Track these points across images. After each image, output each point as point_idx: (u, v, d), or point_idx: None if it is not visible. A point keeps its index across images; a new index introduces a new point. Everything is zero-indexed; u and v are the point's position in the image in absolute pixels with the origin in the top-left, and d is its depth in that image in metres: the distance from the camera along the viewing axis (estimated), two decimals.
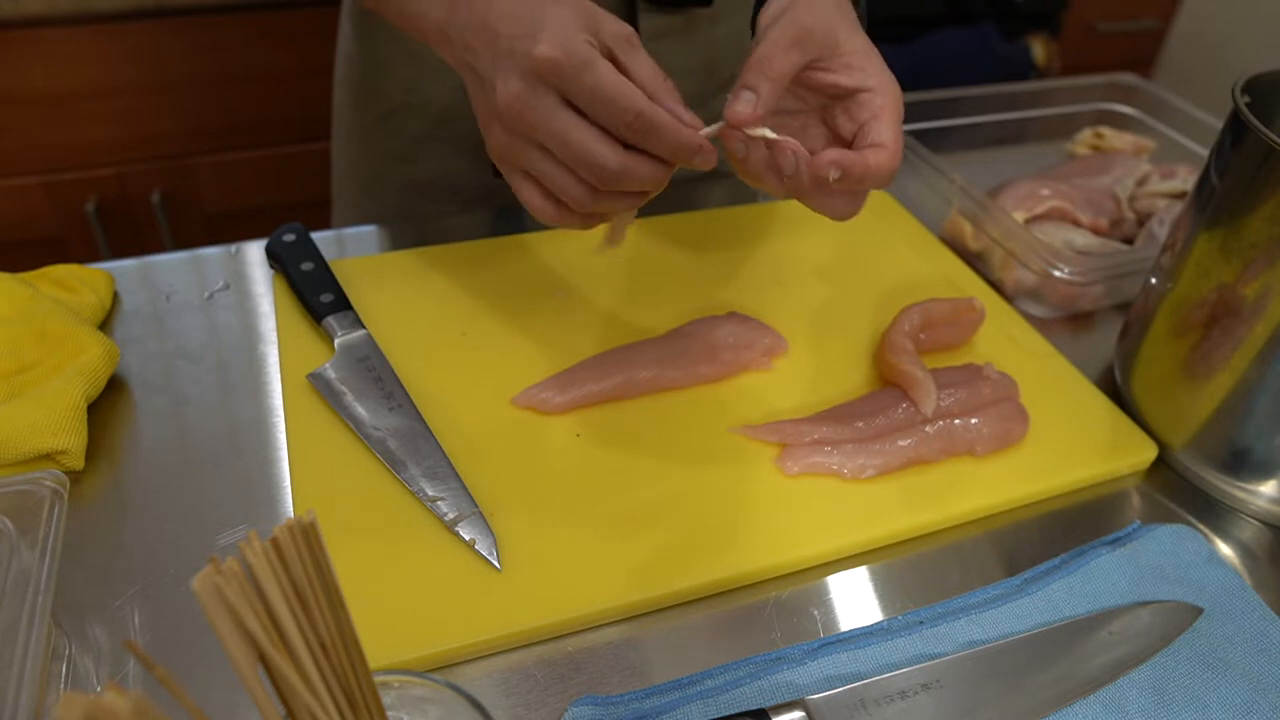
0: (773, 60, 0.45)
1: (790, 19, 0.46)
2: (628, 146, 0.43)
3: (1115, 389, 0.60)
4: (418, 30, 0.49)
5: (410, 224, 0.73)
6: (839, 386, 0.57)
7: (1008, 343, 0.62)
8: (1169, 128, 0.85)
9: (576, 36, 0.41)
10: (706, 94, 0.79)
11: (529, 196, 0.45)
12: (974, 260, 0.71)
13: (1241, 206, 0.48)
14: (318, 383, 0.53)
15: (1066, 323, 0.68)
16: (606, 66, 0.41)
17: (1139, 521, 0.51)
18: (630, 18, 0.70)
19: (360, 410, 0.52)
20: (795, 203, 0.52)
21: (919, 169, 0.74)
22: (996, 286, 0.69)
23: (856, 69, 0.47)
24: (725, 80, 0.80)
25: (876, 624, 0.45)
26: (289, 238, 0.63)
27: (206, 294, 0.63)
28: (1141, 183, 0.77)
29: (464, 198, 0.78)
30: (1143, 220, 0.74)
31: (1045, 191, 0.71)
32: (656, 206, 0.75)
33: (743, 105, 0.44)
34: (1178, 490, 0.55)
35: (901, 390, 0.54)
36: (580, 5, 0.43)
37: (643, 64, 0.44)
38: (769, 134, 0.44)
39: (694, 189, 0.82)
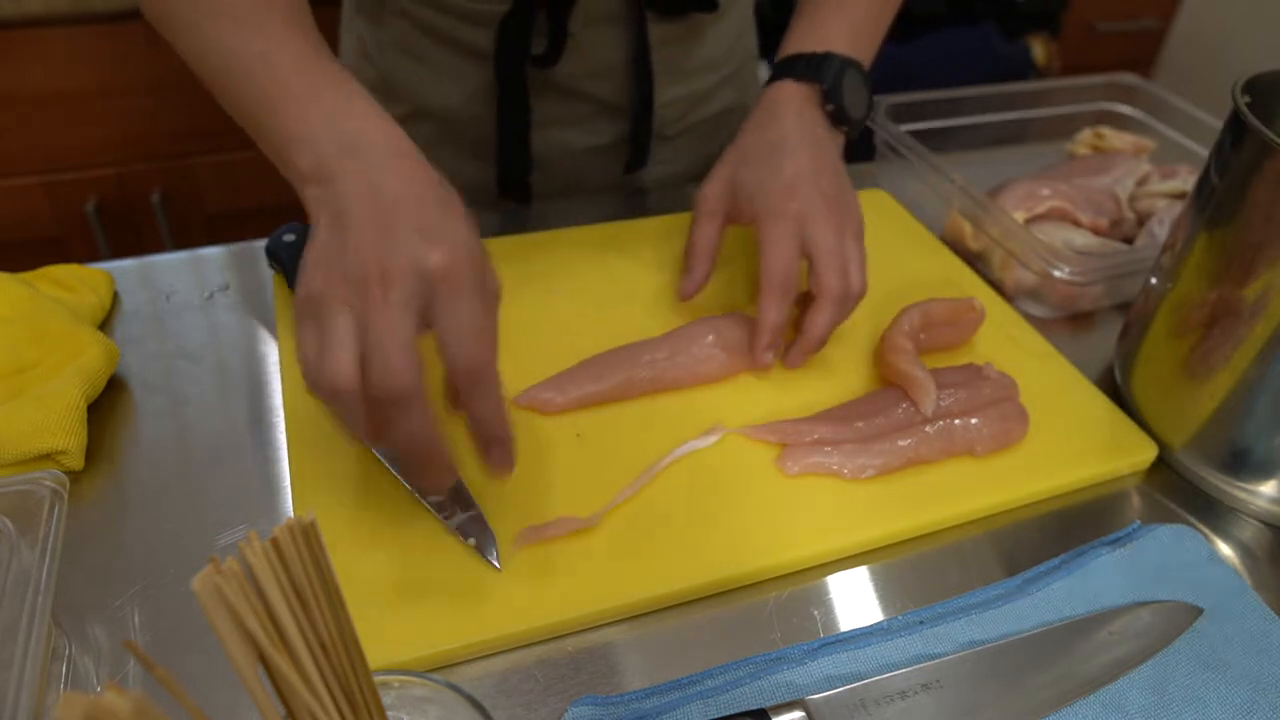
0: (698, 247, 0.60)
1: (715, 184, 0.60)
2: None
3: (1115, 389, 0.60)
4: (280, 159, 0.47)
5: None
6: (839, 386, 0.57)
7: (1008, 343, 0.62)
8: (1169, 128, 0.85)
9: (473, 260, 0.41)
10: (712, 89, 0.79)
11: (306, 347, 0.40)
12: (974, 260, 0.71)
13: (1241, 206, 0.48)
14: None
15: (1066, 323, 0.68)
16: (484, 305, 0.41)
17: (1139, 521, 0.51)
18: (639, 28, 0.70)
19: None
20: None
21: (919, 169, 0.74)
22: (996, 286, 0.69)
23: (751, 213, 0.56)
24: (729, 73, 0.80)
25: (876, 624, 0.45)
26: (289, 238, 0.63)
27: (206, 294, 0.63)
28: (1141, 183, 0.77)
29: (470, 200, 0.78)
30: (1143, 220, 0.74)
31: (1045, 191, 0.71)
32: (657, 207, 0.75)
33: (686, 288, 0.60)
34: (1178, 490, 0.55)
35: (901, 390, 0.54)
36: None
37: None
38: None
39: (694, 189, 0.82)
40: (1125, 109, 0.89)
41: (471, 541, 0.45)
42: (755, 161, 0.57)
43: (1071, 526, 0.52)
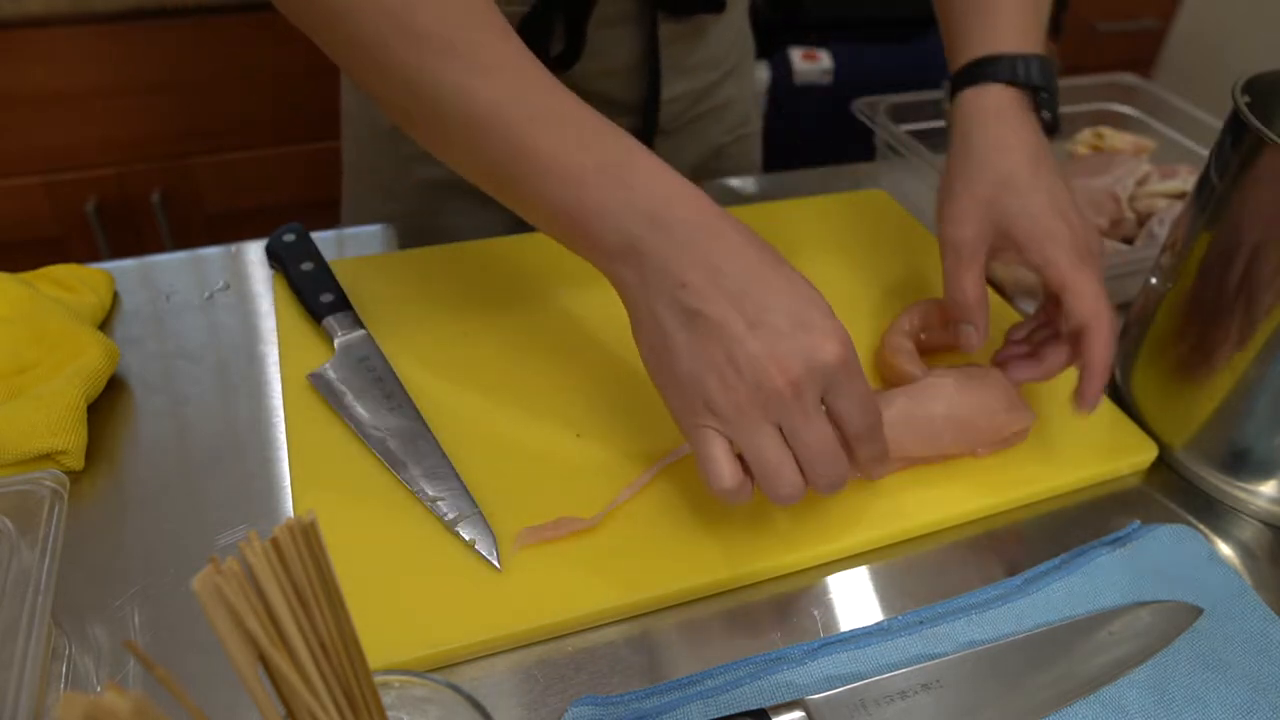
0: (971, 298, 0.52)
1: (972, 225, 0.51)
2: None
3: (1115, 389, 0.60)
4: (576, 232, 0.43)
5: (411, 223, 0.73)
6: None
7: None
8: (1169, 128, 0.85)
9: (851, 345, 0.41)
10: (714, 84, 0.80)
11: (719, 458, 0.42)
12: None
13: (1241, 206, 0.48)
14: (318, 383, 0.53)
15: None
16: (865, 376, 0.42)
17: (1139, 521, 0.51)
18: (652, 27, 0.71)
19: (360, 410, 0.52)
20: (793, 204, 0.53)
21: (919, 169, 0.74)
22: (996, 286, 0.69)
23: (1033, 252, 0.50)
24: (730, 69, 0.81)
25: (876, 624, 0.45)
26: (289, 238, 0.63)
27: (206, 294, 0.63)
28: (1141, 183, 0.77)
29: (485, 197, 0.78)
30: (1143, 220, 0.74)
31: None
32: None
33: (971, 340, 0.53)
34: (1178, 490, 0.55)
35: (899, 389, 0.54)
36: None
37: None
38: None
39: (705, 183, 0.83)
40: (1125, 109, 0.89)
41: (472, 541, 0.45)
42: (1019, 190, 0.51)
43: (1071, 526, 0.52)
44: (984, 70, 0.54)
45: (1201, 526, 0.52)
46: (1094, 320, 0.48)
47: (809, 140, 1.44)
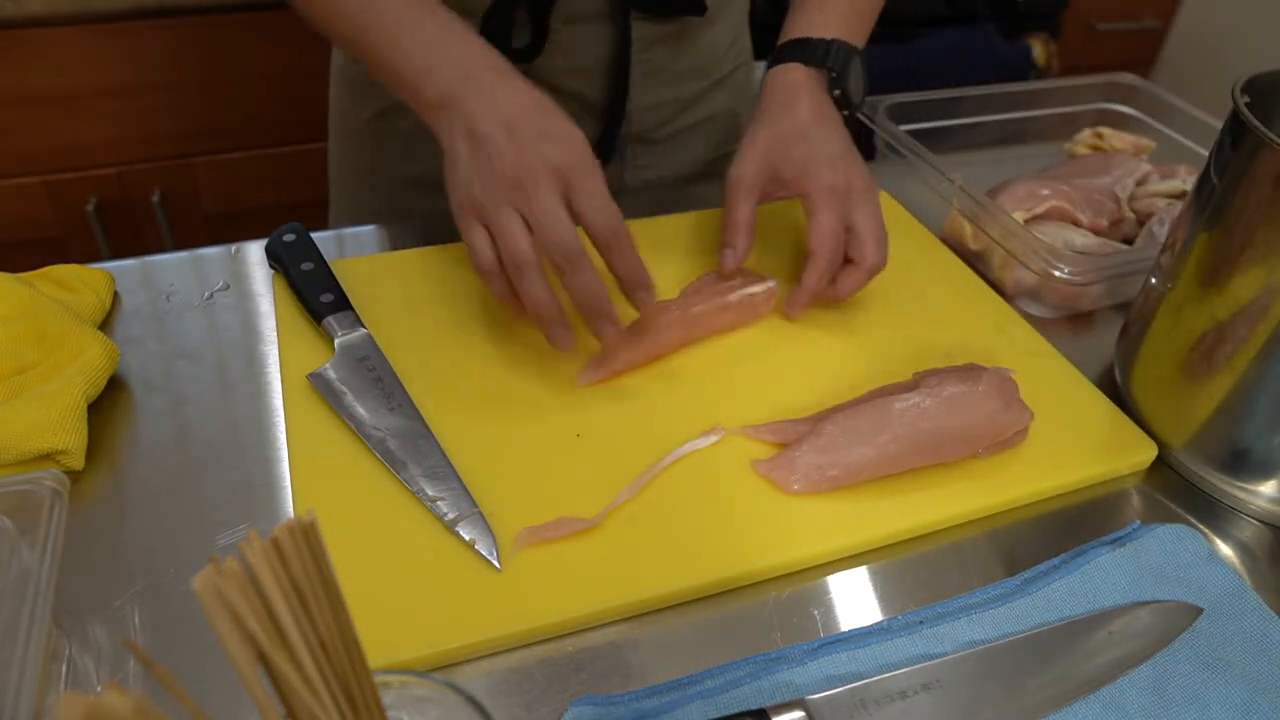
0: (739, 223, 0.61)
1: (751, 165, 0.61)
2: None
3: (1115, 389, 0.60)
4: (407, 90, 0.56)
5: (410, 224, 0.73)
6: (839, 386, 0.57)
7: (1008, 343, 0.62)
8: (1169, 128, 0.85)
9: (587, 150, 0.51)
10: (702, 93, 0.79)
11: (480, 244, 0.52)
12: (974, 260, 0.71)
13: (1241, 206, 0.48)
14: (318, 383, 0.53)
15: (1066, 323, 0.68)
16: (604, 180, 0.51)
17: (1139, 521, 0.51)
18: (624, 27, 0.70)
19: (360, 410, 0.52)
20: (793, 204, 0.54)
21: (919, 169, 0.74)
22: (996, 286, 0.69)
23: (794, 189, 0.61)
24: (720, 78, 0.80)
25: (876, 624, 0.45)
26: (289, 238, 0.63)
27: (206, 294, 0.63)
28: (1141, 183, 0.77)
29: None
30: (1143, 220, 0.74)
31: (1045, 191, 0.71)
32: (656, 207, 0.75)
33: (729, 261, 0.61)
34: (1178, 490, 0.55)
35: (900, 389, 0.54)
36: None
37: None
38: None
39: (693, 189, 0.82)
40: (1125, 109, 0.89)
41: (472, 541, 0.45)
42: (793, 140, 0.61)
43: (1071, 526, 0.52)
44: (789, 50, 0.65)
45: (1201, 526, 0.52)
46: (816, 250, 0.59)
47: None
